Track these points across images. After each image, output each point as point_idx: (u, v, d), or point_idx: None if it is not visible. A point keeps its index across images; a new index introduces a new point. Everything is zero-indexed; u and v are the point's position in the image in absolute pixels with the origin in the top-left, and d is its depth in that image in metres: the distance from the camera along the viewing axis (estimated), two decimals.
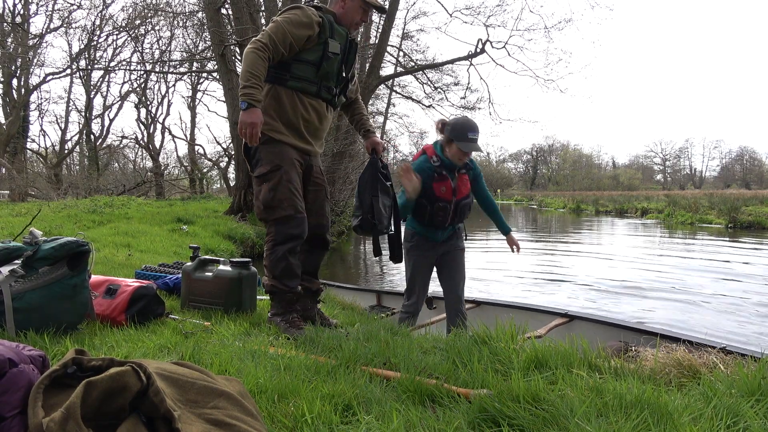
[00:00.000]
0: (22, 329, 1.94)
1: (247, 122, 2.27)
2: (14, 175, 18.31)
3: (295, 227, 2.46)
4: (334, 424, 1.36)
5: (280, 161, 2.47)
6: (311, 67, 2.48)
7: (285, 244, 2.46)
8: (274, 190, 2.44)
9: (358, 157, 15.19)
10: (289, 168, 2.48)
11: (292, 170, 2.49)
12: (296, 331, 2.38)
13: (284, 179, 2.45)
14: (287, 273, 2.49)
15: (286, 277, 2.49)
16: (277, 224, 2.47)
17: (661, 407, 1.38)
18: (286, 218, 2.44)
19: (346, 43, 2.58)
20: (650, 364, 2.06)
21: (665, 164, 72.92)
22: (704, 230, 15.87)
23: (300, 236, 2.50)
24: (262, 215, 2.51)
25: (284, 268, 2.48)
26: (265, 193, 2.46)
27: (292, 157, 2.51)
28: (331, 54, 2.49)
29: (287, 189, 2.45)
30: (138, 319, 2.35)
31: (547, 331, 3.24)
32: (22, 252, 2.08)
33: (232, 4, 11.47)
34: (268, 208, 2.46)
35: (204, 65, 20.98)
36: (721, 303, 6.12)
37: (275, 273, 2.49)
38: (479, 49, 15.58)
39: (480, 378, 1.69)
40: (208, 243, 7.92)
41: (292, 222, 2.45)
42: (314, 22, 2.43)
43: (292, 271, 2.50)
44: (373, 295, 4.88)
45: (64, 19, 22.54)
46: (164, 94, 31.63)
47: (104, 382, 1.00)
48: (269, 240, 2.51)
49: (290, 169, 2.48)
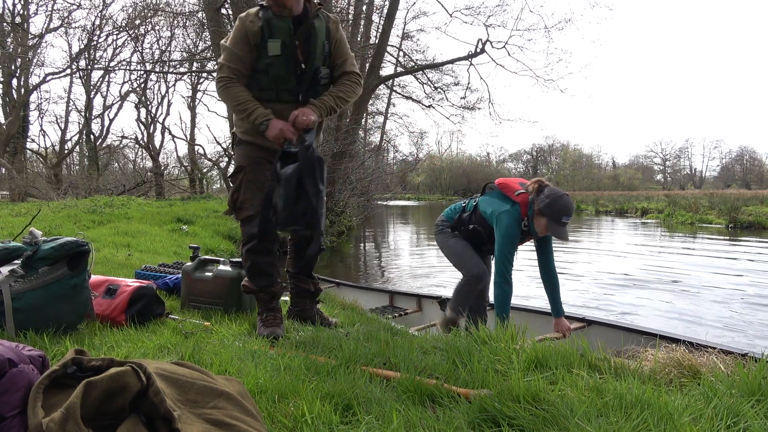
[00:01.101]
0: (22, 329, 1.94)
1: (275, 134, 2.27)
2: (14, 175, 18.30)
3: (256, 226, 2.42)
4: (334, 424, 1.35)
5: (243, 162, 2.47)
6: (262, 74, 2.39)
7: (250, 243, 2.46)
8: (237, 191, 2.47)
9: (358, 157, 15.20)
10: (251, 168, 2.46)
11: (255, 169, 2.45)
12: (268, 330, 2.34)
13: (245, 179, 2.45)
14: (252, 272, 2.50)
15: (253, 276, 2.50)
16: (243, 224, 2.49)
17: (661, 407, 1.38)
18: (248, 218, 2.44)
19: (292, 34, 2.33)
20: (650, 364, 2.06)
21: (665, 164, 72.93)
22: (704, 230, 15.87)
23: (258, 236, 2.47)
24: (232, 216, 2.55)
25: (249, 268, 2.50)
26: (230, 195, 2.51)
27: (257, 156, 2.47)
28: (270, 58, 2.34)
29: (248, 189, 2.44)
30: (138, 319, 2.35)
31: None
32: (22, 252, 2.08)
33: (232, 4, 11.47)
34: (233, 209, 2.50)
35: (204, 65, 20.94)
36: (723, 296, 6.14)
37: (247, 273, 2.53)
38: (479, 49, 15.60)
39: (480, 378, 1.69)
40: (208, 243, 7.92)
41: (253, 221, 2.42)
42: (250, 33, 2.32)
43: (259, 270, 2.49)
44: (386, 296, 4.90)
45: (63, 19, 22.52)
46: (164, 94, 31.58)
47: (104, 382, 1.00)
48: (242, 240, 2.55)
49: (252, 168, 2.46)
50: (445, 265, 9.61)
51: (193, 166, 30.40)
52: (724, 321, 5.32)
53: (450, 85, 19.64)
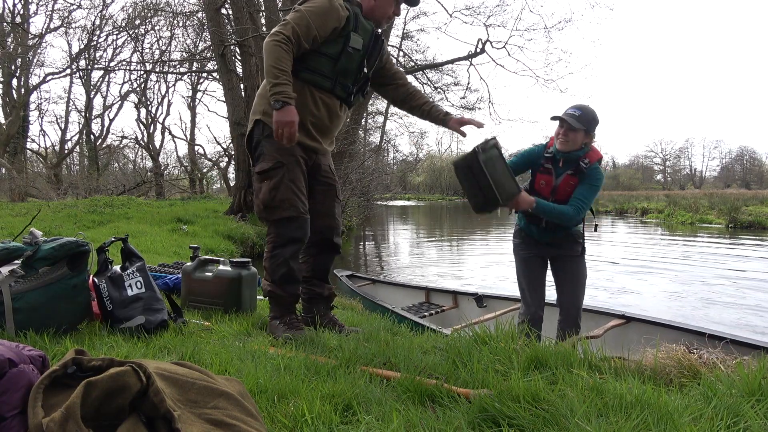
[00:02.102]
0: (22, 329, 1.93)
1: (283, 121, 2.14)
2: (14, 175, 18.29)
3: (297, 230, 2.33)
4: (334, 424, 1.35)
5: (283, 158, 2.31)
6: (328, 60, 2.31)
7: (285, 247, 2.33)
8: (275, 189, 2.30)
9: (358, 157, 15.19)
10: (292, 166, 2.32)
11: (295, 168, 2.33)
12: (295, 333, 2.27)
13: (286, 178, 2.30)
14: (287, 278, 2.37)
15: (285, 283, 2.37)
16: (277, 226, 2.34)
17: (661, 407, 1.38)
18: (287, 219, 2.31)
19: (371, 39, 2.39)
20: (650, 364, 2.06)
21: (665, 164, 72.91)
22: (704, 230, 15.87)
23: (301, 239, 2.36)
24: (261, 215, 2.38)
25: (284, 274, 2.35)
26: (266, 192, 2.32)
27: (296, 154, 2.34)
28: (351, 49, 2.31)
29: (289, 189, 2.30)
30: None
31: (603, 332, 3.15)
32: (22, 252, 2.08)
33: (232, 4, 11.47)
34: (268, 208, 2.32)
35: (204, 65, 20.99)
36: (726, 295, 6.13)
37: (274, 278, 2.37)
38: (479, 49, 15.58)
39: (480, 378, 1.69)
40: (208, 243, 7.91)
41: (293, 224, 2.31)
42: (336, 14, 2.25)
43: (293, 277, 2.38)
44: (422, 293, 4.89)
45: (63, 19, 22.54)
46: (164, 94, 31.66)
47: (104, 382, 1.00)
48: (269, 242, 2.39)
49: (293, 167, 2.32)
50: (445, 265, 9.62)
51: (193, 166, 30.42)
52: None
53: (450, 85, 19.67)
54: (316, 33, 2.23)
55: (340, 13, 2.26)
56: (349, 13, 2.30)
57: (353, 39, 2.31)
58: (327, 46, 2.30)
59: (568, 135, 2.79)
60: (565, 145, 2.82)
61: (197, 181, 29.90)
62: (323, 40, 2.28)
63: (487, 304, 4.26)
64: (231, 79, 11.51)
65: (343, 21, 2.28)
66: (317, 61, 2.31)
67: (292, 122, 2.15)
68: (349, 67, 2.37)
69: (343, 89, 2.40)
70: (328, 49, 2.30)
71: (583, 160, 2.85)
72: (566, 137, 2.80)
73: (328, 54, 2.31)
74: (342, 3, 2.30)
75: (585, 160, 2.85)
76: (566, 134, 2.79)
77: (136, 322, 2.13)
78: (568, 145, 2.82)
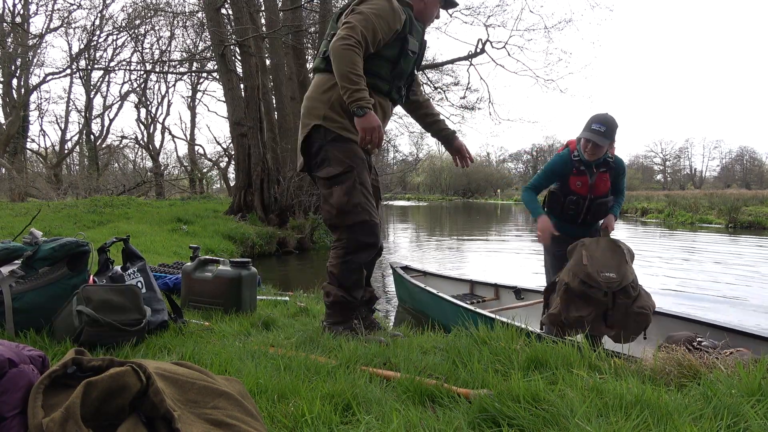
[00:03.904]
0: (22, 329, 1.94)
1: (369, 128, 2.12)
2: (14, 175, 18.30)
3: (370, 234, 2.29)
4: (334, 424, 1.35)
5: (353, 162, 2.27)
6: (387, 63, 2.28)
7: (358, 253, 2.29)
8: (349, 193, 2.25)
9: None
10: (361, 170, 2.29)
11: (364, 172, 2.30)
12: (376, 337, 2.26)
13: (358, 182, 2.26)
14: (358, 285, 2.33)
15: (355, 289, 2.33)
16: (351, 231, 2.28)
17: (661, 407, 1.38)
18: (360, 223, 2.26)
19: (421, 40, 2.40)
20: (650, 364, 2.06)
21: (665, 164, 72.86)
22: (704, 230, 15.87)
23: (375, 244, 2.32)
24: (333, 221, 2.31)
25: (357, 281, 2.32)
26: (340, 197, 2.25)
27: (362, 157, 2.31)
28: (410, 52, 2.30)
29: (361, 193, 2.26)
30: None
31: None
32: (22, 252, 2.08)
33: (232, 4, 11.48)
34: (343, 212, 2.26)
35: (204, 65, 21.00)
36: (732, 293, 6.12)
37: (346, 284, 2.30)
38: (479, 49, 15.57)
39: (480, 378, 1.69)
40: (208, 243, 7.91)
41: (366, 228, 2.27)
42: (398, 18, 2.22)
43: (362, 283, 2.35)
44: (467, 285, 5.19)
45: (64, 19, 22.55)
46: (164, 94, 31.74)
47: (104, 382, 1.00)
48: (340, 247, 2.31)
49: (363, 170, 2.29)
50: (445, 263, 9.61)
51: (193, 166, 30.43)
52: None
53: (450, 85, 19.61)
54: (381, 36, 2.20)
55: (401, 16, 2.24)
56: (405, 15, 2.28)
57: (411, 42, 2.29)
58: (386, 48, 2.26)
59: (596, 149, 3.05)
60: (594, 157, 3.10)
61: (197, 181, 29.91)
62: (384, 44, 2.24)
63: (524, 297, 4.50)
64: (231, 79, 11.52)
65: (402, 24, 2.25)
66: (376, 65, 2.27)
67: (377, 127, 2.14)
68: (406, 70, 2.35)
69: (397, 92, 2.39)
70: (387, 52, 2.27)
71: (608, 156, 3.17)
72: (594, 151, 3.06)
73: (387, 57, 2.27)
74: (399, 6, 2.27)
75: (609, 156, 3.17)
76: (594, 149, 3.04)
77: None
78: (596, 157, 3.10)
